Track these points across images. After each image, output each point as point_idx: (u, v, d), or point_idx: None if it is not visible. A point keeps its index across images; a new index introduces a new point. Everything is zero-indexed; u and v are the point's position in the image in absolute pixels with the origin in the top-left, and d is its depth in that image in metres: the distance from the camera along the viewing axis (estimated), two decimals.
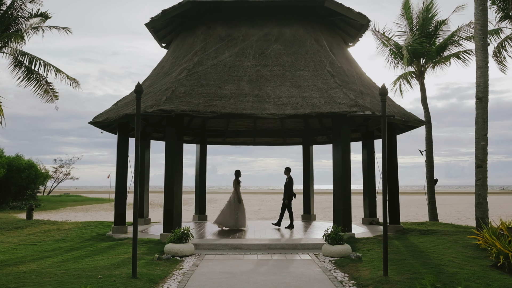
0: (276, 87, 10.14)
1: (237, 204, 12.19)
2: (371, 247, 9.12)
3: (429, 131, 16.04)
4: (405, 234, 10.88)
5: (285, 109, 9.45)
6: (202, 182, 15.40)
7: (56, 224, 13.81)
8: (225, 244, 9.41)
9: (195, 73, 10.41)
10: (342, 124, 9.94)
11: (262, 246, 9.39)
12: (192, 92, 9.89)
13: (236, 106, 9.51)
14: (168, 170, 9.82)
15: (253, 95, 9.86)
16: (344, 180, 9.85)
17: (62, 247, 9.68)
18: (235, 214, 12.05)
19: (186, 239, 8.54)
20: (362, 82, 11.30)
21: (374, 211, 13.82)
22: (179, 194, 9.85)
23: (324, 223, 14.20)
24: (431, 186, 15.82)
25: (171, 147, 9.85)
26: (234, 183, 12.49)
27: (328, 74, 10.53)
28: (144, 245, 9.33)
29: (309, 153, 15.50)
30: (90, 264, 7.38)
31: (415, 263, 7.44)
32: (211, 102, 9.58)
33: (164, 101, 9.58)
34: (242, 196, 12.60)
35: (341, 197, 9.81)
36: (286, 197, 12.55)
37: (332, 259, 8.18)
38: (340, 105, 9.58)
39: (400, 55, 16.97)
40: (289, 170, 12.76)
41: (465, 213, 29.40)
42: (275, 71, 10.60)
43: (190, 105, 9.46)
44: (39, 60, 18.32)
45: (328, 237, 8.56)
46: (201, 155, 15.47)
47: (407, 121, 10.93)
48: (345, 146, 9.95)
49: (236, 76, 10.41)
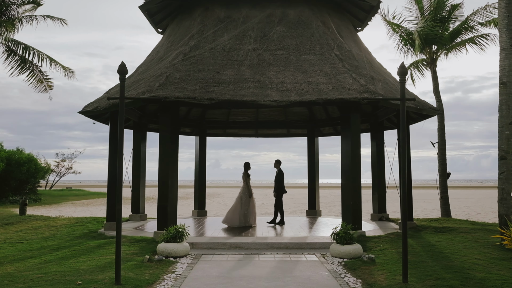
0: (279, 72, 9.30)
1: (247, 199, 11.43)
2: (384, 246, 8.32)
3: (441, 122, 15.17)
4: (419, 232, 10.07)
5: (289, 96, 8.62)
6: (202, 176, 14.62)
7: (48, 220, 13.11)
8: (224, 243, 8.64)
9: (192, 57, 9.59)
10: (351, 113, 9.11)
11: (264, 245, 8.62)
12: (188, 78, 9.08)
13: (235, 92, 8.70)
14: (162, 162, 9.05)
15: (254, 81, 9.03)
16: (354, 173, 9.03)
17: (49, 245, 8.95)
18: (244, 210, 11.30)
19: (180, 238, 7.78)
20: (373, 67, 10.44)
21: (384, 207, 13.00)
22: (174, 188, 9.08)
23: (330, 219, 13.41)
24: (444, 180, 14.98)
25: (165, 137, 9.06)
26: (243, 176, 11.74)
27: (336, 58, 9.68)
28: (136, 244, 8.58)
29: (314, 146, 14.67)
30: (73, 267, 6.63)
31: (435, 266, 6.63)
32: (209, 89, 8.77)
33: (157, 88, 8.78)
34: None
35: (351, 192, 9.01)
36: (275, 191, 11.80)
37: (341, 261, 7.39)
38: (349, 91, 8.74)
39: (411, 41, 16.07)
40: (279, 162, 11.99)
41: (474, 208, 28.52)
42: (278, 55, 9.76)
43: (185, 91, 8.66)
44: (33, 50, 17.57)
45: (337, 236, 7.76)
46: (201, 147, 14.68)
47: (421, 109, 10.08)
48: (354, 136, 9.12)
49: (236, 60, 9.59)
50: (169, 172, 8.96)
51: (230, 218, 11.29)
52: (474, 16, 15.03)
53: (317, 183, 14.67)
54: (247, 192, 11.55)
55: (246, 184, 11.61)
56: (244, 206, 11.33)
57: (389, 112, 11.63)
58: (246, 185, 11.60)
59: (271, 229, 10.77)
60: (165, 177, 8.98)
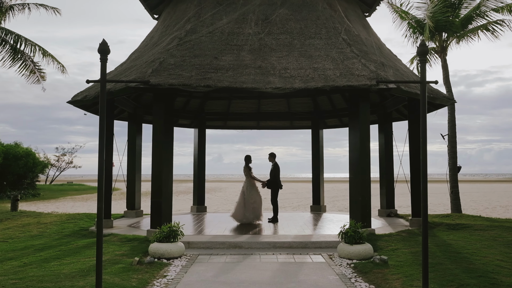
0: (282, 58, 8.60)
1: (251, 193, 10.77)
2: (396, 246, 7.65)
3: (452, 114, 14.44)
4: (432, 229, 9.40)
5: (293, 83, 7.92)
6: (201, 170, 13.97)
7: (39, 216, 12.50)
8: (222, 242, 8.00)
9: (188, 42, 8.89)
10: (360, 101, 8.41)
11: (266, 245, 7.97)
12: (183, 64, 8.39)
13: (235, 79, 8.01)
14: (156, 155, 8.39)
15: (255, 67, 8.34)
16: (363, 167, 8.36)
17: (34, 245, 8.32)
18: (250, 205, 10.65)
19: (175, 237, 7.13)
20: (382, 53, 9.72)
21: (392, 202, 12.34)
22: (168, 183, 8.42)
23: (335, 215, 12.75)
24: (454, 174, 14.28)
25: (159, 128, 8.39)
26: (245, 170, 11.07)
27: (343, 42, 8.96)
28: (127, 244, 7.94)
29: (319, 138, 13.99)
30: (53, 270, 6.00)
31: (456, 269, 5.97)
32: (205, 75, 8.08)
33: (149, 74, 8.10)
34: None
35: (359, 187, 8.33)
36: (268, 185, 11.11)
37: (350, 262, 6.74)
38: (358, 77, 8.04)
39: (420, 29, 15.31)
40: (273, 156, 11.30)
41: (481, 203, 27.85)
42: (281, 40, 9.04)
43: (180, 78, 7.97)
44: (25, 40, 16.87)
45: (345, 235, 7.10)
46: (200, 140, 14.01)
47: (435, 98, 9.38)
48: (363, 127, 8.43)
49: (236, 45, 8.88)
50: (163, 166, 8.31)
51: (236, 213, 10.69)
52: (487, 2, 14.24)
53: (322, 177, 14.01)
54: (250, 186, 10.89)
55: (249, 178, 10.95)
56: (249, 201, 10.69)
57: (399, 102, 10.94)
58: (248, 179, 10.95)
59: (274, 226, 10.12)
60: (158, 170, 8.33)
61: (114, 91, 8.34)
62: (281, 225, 10.21)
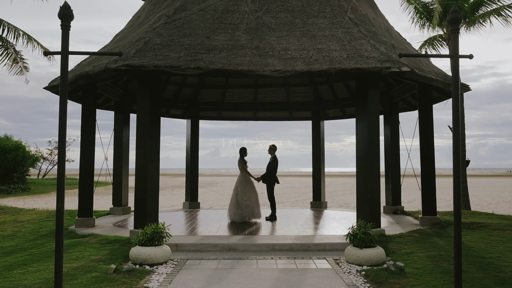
0: (282, 38, 7.68)
1: (245, 189, 9.88)
2: (409, 249, 6.81)
3: (460, 105, 13.58)
4: (445, 229, 8.56)
5: (295, 65, 7.01)
6: (194, 164, 13.07)
7: (17, 213, 11.58)
8: (215, 244, 7.12)
9: (177, 20, 7.95)
10: (369, 88, 7.52)
11: (263, 247, 7.11)
12: (171, 44, 7.46)
13: (229, 60, 7.09)
14: (140, 147, 7.48)
15: (252, 48, 7.42)
16: (372, 160, 7.49)
17: (4, 247, 7.42)
18: (244, 202, 9.76)
19: (159, 240, 6.24)
20: (392, 35, 8.83)
21: (398, 198, 11.51)
22: (154, 178, 7.52)
23: (337, 212, 11.90)
24: (462, 168, 13.46)
25: (144, 117, 7.48)
26: (240, 163, 10.17)
27: (350, 22, 8.05)
28: (107, 246, 7.05)
29: (320, 130, 13.11)
30: (14, 281, 5.11)
31: (485, 278, 5.13)
32: (196, 56, 7.16)
33: (133, 55, 7.17)
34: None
35: (368, 183, 7.47)
36: (263, 179, 10.23)
37: (360, 269, 5.88)
38: (368, 59, 7.14)
39: (427, 14, 14.42)
40: (274, 149, 10.40)
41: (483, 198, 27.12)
42: (281, 18, 8.12)
43: (167, 59, 7.05)
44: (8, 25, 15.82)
45: (354, 237, 6.24)
46: (193, 131, 13.10)
47: (449, 84, 8.50)
48: (373, 116, 7.55)
49: (230, 24, 7.95)
50: (148, 159, 7.40)
51: (229, 212, 9.81)
52: None
53: (323, 172, 13.14)
54: (244, 181, 10.02)
55: (243, 172, 10.08)
56: (242, 197, 9.82)
57: (407, 91, 10.07)
58: (243, 174, 10.08)
59: (272, 225, 9.25)
60: (143, 164, 7.43)
61: (93, 74, 7.42)
62: (280, 224, 9.35)
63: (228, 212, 9.84)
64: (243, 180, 9.99)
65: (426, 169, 9.06)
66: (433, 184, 9.04)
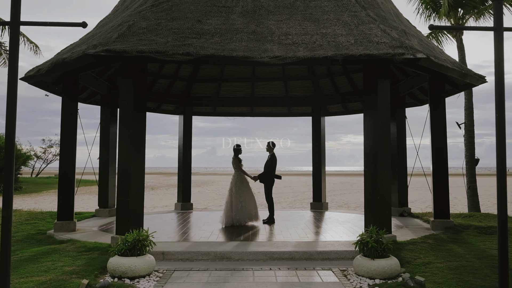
0: (282, 22, 6.90)
1: (240, 190, 9.11)
2: (426, 258, 6.05)
3: (469, 99, 12.86)
4: (460, 233, 7.82)
5: (296, 51, 6.23)
6: (187, 162, 12.28)
7: None
8: (206, 252, 6.34)
9: (165, 2, 7.16)
10: (378, 77, 6.76)
11: (260, 255, 6.34)
12: (158, 28, 6.66)
13: (222, 46, 6.30)
14: (123, 144, 6.70)
15: (248, 32, 6.63)
16: (382, 158, 6.73)
17: None
18: (239, 204, 8.98)
19: (141, 249, 5.46)
20: (402, 21, 8.06)
21: (405, 200, 10.76)
22: (138, 178, 6.73)
23: (339, 214, 11.14)
24: (471, 167, 12.73)
25: (127, 111, 6.68)
26: (234, 161, 9.37)
27: (357, 4, 7.28)
28: (85, 255, 6.25)
29: (320, 126, 12.34)
30: None
31: None
32: (185, 41, 6.36)
33: (114, 39, 6.37)
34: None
35: (378, 183, 6.70)
36: (260, 178, 9.49)
37: (372, 283, 5.12)
38: (378, 45, 6.37)
39: (433, 4, 13.67)
40: (273, 145, 9.62)
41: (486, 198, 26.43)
42: (280, 0, 7.34)
43: (153, 44, 6.25)
44: None
45: (365, 246, 5.47)
46: (186, 128, 12.31)
47: (465, 75, 7.76)
48: (382, 109, 6.80)
49: (224, 6, 7.16)
50: (131, 157, 6.61)
51: (224, 216, 9.00)
52: None
53: (324, 171, 12.38)
54: (239, 181, 9.24)
55: (238, 171, 9.30)
56: (238, 199, 9.04)
57: (416, 84, 9.33)
58: (239, 173, 9.30)
59: (270, 229, 8.49)
60: (126, 163, 6.64)
61: (70, 61, 6.60)
62: (279, 228, 8.58)
63: (222, 215, 9.06)
64: (238, 180, 9.22)
65: (438, 168, 8.31)
66: (445, 184, 8.29)
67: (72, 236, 7.58)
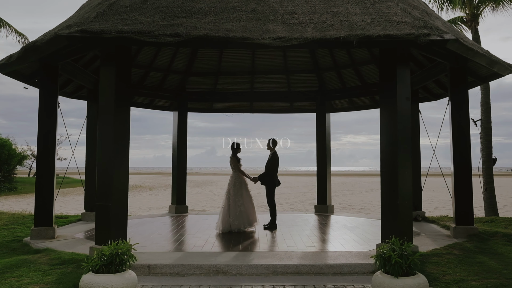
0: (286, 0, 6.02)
1: (241, 191, 8.24)
2: (456, 274, 5.15)
3: (486, 94, 11.98)
4: (486, 242, 6.93)
5: (304, 31, 5.35)
6: (181, 162, 11.40)
7: None
8: (198, 266, 5.46)
9: None
10: (398, 63, 5.87)
11: (261, 269, 5.45)
12: (144, 6, 5.78)
13: (217, 26, 5.41)
14: (103, 141, 5.83)
15: (247, 11, 5.75)
16: (403, 157, 5.84)
17: None
18: (237, 208, 8.11)
19: (120, 265, 4.56)
20: (421, 2, 7.18)
21: (419, 203, 9.88)
22: (122, 180, 5.85)
23: (347, 218, 10.25)
24: (489, 167, 11.84)
25: (107, 103, 5.80)
26: (232, 161, 8.49)
27: None
28: (58, 268, 5.37)
29: (325, 123, 11.46)
30: None
31: None
32: (174, 20, 5.48)
33: (92, 19, 5.49)
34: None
35: (397, 186, 5.80)
36: (261, 180, 8.62)
37: None
38: (399, 25, 5.48)
39: None
40: (274, 143, 8.76)
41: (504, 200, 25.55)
42: None
43: (136, 24, 5.37)
44: None
45: (387, 261, 4.57)
46: (180, 125, 11.43)
47: (494, 63, 6.87)
48: (402, 100, 5.91)
49: None
50: (112, 156, 5.74)
51: (220, 221, 8.11)
52: None
53: (329, 171, 11.51)
54: (238, 183, 8.36)
55: (237, 172, 8.42)
56: (236, 202, 8.16)
57: (432, 75, 8.46)
58: (237, 174, 8.42)
59: (272, 236, 7.60)
60: (106, 163, 5.77)
61: (41, 45, 5.73)
62: (281, 234, 7.69)
63: (218, 220, 8.17)
64: (237, 182, 8.33)
65: (460, 168, 7.42)
66: (469, 186, 7.40)
67: (50, 245, 6.69)
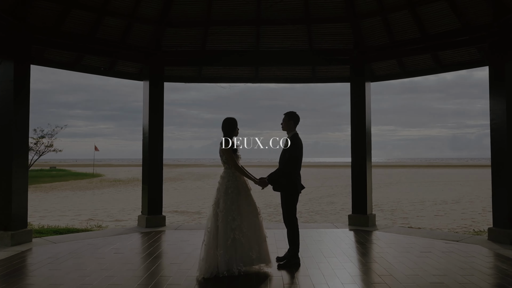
0: None
1: (239, 202, 4.65)
2: None
3: None
4: None
5: None
6: (156, 153, 7.85)
7: None
8: None
9: None
10: None
11: None
12: None
13: None
14: None
15: None
16: None
17: None
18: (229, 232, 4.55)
19: None
20: None
21: None
22: None
23: (398, 237, 6.68)
24: None
25: None
26: (225, 152, 4.81)
27: None
28: None
29: (364, 98, 7.86)
30: None
31: None
32: None
33: None
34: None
35: None
36: (272, 182, 4.96)
37: None
38: None
39: None
40: (294, 117, 5.11)
41: None
42: None
43: None
44: None
45: None
46: (153, 100, 7.89)
47: None
48: None
49: None
50: None
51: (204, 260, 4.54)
52: None
53: (369, 166, 7.92)
54: (233, 188, 4.75)
55: (232, 170, 4.83)
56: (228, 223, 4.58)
57: None
58: (231, 172, 4.82)
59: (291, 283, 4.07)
60: None
61: None
62: (308, 279, 4.15)
63: (201, 252, 4.61)
64: (231, 186, 4.72)
65: None
66: None
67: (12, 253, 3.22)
